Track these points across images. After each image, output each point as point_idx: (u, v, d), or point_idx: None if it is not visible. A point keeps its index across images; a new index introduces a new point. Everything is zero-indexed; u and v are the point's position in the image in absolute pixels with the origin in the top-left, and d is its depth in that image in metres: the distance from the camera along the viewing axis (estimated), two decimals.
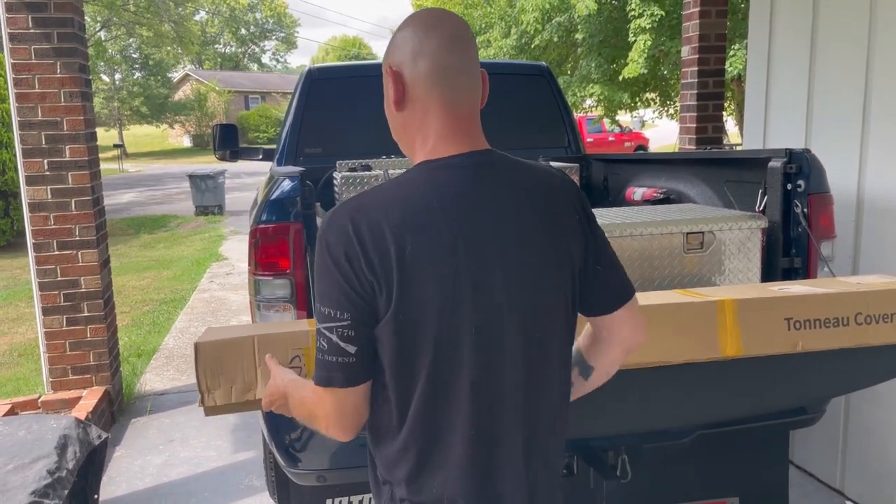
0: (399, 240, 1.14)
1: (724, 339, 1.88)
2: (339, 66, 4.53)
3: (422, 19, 1.26)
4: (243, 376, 1.66)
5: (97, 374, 4.27)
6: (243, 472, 3.71)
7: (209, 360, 1.64)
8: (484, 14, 16.69)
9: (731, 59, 10.65)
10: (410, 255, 1.14)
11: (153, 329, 6.53)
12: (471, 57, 1.25)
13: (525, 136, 4.37)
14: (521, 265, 1.21)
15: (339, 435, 1.24)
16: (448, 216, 1.17)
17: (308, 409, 1.28)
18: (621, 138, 24.28)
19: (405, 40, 1.24)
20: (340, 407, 1.21)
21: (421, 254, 1.14)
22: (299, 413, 1.33)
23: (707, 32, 4.97)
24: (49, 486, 2.31)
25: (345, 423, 1.22)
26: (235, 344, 1.67)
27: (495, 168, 1.24)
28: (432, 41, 1.22)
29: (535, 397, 1.25)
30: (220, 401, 1.64)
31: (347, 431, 1.23)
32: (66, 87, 4.00)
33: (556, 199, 1.28)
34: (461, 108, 1.24)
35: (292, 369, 1.66)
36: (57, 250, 4.10)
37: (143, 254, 10.75)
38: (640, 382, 1.97)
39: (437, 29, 1.23)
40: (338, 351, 1.17)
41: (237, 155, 4.59)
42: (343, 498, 2.47)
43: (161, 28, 34.39)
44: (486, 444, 1.22)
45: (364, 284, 1.15)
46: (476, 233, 1.18)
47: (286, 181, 2.30)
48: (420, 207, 1.17)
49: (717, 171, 3.08)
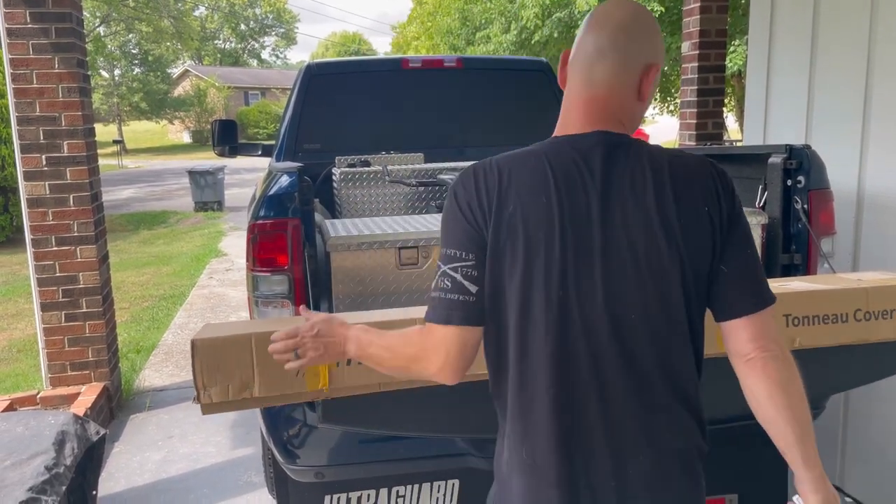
0: (509, 198, 1.25)
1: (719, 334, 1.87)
2: (339, 61, 4.52)
3: (594, 11, 1.36)
4: (240, 374, 1.65)
5: (96, 371, 4.26)
6: (242, 468, 3.70)
7: (206, 357, 1.63)
8: (484, 9, 16.67)
9: (732, 56, 10.63)
10: (513, 214, 1.25)
11: (152, 325, 6.52)
12: (617, 46, 1.30)
13: (525, 132, 4.36)
14: (619, 246, 1.25)
15: (448, 375, 1.29)
16: (557, 186, 1.25)
17: (410, 351, 1.33)
18: None
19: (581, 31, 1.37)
20: (456, 344, 1.27)
21: (527, 214, 1.25)
22: (391, 361, 1.37)
23: (707, 28, 4.95)
24: (47, 482, 2.30)
25: (456, 363, 1.28)
26: (232, 342, 1.67)
27: (620, 150, 1.29)
28: (586, 31, 1.34)
29: (616, 375, 1.27)
30: (216, 398, 1.63)
31: (457, 372, 1.30)
32: (65, 83, 3.98)
33: (685, 192, 1.27)
34: (595, 91, 1.31)
35: None
36: (55, 246, 4.09)
37: (143, 250, 10.74)
38: None
39: (594, 19, 1.34)
40: (460, 289, 1.26)
41: (236, 151, 4.58)
42: (341, 494, 2.47)
43: (160, 24, 34.34)
44: (563, 412, 1.27)
45: (481, 231, 1.26)
46: (579, 206, 1.25)
47: (284, 177, 2.29)
48: (535, 174, 1.27)
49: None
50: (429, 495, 2.52)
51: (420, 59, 4.36)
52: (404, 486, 2.50)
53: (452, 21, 17.48)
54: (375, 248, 2.34)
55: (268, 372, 1.67)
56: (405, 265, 2.36)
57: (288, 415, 2.29)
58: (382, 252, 2.35)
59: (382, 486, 2.48)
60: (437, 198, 3.63)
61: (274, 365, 1.67)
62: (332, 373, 1.70)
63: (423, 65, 4.30)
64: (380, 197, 3.63)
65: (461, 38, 17.31)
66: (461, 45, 17.23)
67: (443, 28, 17.79)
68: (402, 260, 2.36)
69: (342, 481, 2.42)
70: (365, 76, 4.30)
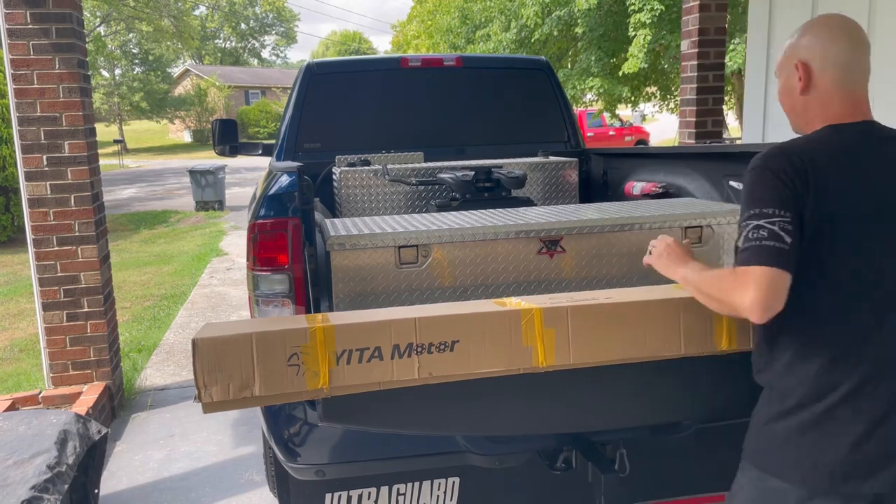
0: (814, 169, 1.53)
1: (719, 334, 1.89)
2: (339, 60, 4.52)
3: (826, 27, 1.67)
4: (241, 373, 1.66)
5: (97, 370, 4.27)
6: (243, 466, 3.71)
7: (207, 356, 1.65)
8: (484, 8, 16.66)
9: (731, 54, 10.63)
10: (820, 182, 1.52)
11: (154, 324, 6.54)
12: (862, 51, 1.66)
13: (525, 130, 4.37)
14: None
15: (757, 311, 1.48)
16: (844, 161, 1.56)
17: (725, 285, 1.54)
18: (622, 132, 24.24)
19: (813, 43, 1.66)
20: (768, 282, 1.46)
21: (827, 183, 1.53)
22: (710, 290, 1.61)
23: (707, 26, 4.96)
24: (49, 480, 2.31)
25: (767, 301, 1.47)
26: (233, 341, 1.68)
27: (883, 134, 1.63)
28: (836, 46, 1.64)
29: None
30: (217, 397, 1.65)
31: (766, 310, 1.48)
32: (65, 83, 3.99)
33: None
34: (855, 91, 1.65)
35: (290, 367, 1.67)
36: (57, 246, 4.11)
37: (144, 249, 10.76)
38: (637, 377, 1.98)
39: (838, 33, 1.65)
40: (776, 237, 1.48)
41: (237, 150, 4.59)
42: (342, 492, 2.47)
43: (160, 23, 34.33)
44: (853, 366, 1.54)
45: (798, 195, 1.51)
46: (862, 181, 1.55)
47: (284, 176, 2.30)
48: (826, 151, 1.57)
49: (716, 165, 3.08)
50: (429, 493, 2.53)
51: (420, 58, 4.37)
52: (405, 483, 2.51)
53: (452, 19, 17.48)
54: (375, 247, 2.35)
55: (268, 371, 1.68)
56: (405, 264, 2.37)
57: (289, 413, 2.30)
58: (382, 251, 2.36)
59: (383, 485, 2.49)
60: (436, 197, 3.65)
61: (274, 364, 1.69)
62: (332, 372, 1.71)
63: (422, 64, 4.31)
64: (380, 196, 3.65)
65: (461, 36, 17.32)
66: (461, 43, 17.23)
67: (442, 26, 17.80)
68: (401, 259, 2.37)
69: (343, 479, 2.43)
70: (365, 75, 4.31)
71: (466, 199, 3.43)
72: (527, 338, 1.80)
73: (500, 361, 1.79)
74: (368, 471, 2.40)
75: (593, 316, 1.85)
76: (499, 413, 1.98)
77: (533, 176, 3.76)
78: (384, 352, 1.75)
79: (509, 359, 1.80)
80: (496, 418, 2.00)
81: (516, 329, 1.80)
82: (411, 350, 1.75)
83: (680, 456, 2.60)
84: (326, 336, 1.73)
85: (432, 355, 1.76)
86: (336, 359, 1.72)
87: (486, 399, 1.93)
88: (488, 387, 1.87)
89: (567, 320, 1.82)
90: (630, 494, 2.40)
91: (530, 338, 1.80)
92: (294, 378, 1.69)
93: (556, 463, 2.40)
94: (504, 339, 1.80)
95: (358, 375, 1.74)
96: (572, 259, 2.50)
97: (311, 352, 1.71)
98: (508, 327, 1.80)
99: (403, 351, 1.75)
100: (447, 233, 2.38)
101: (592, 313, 1.85)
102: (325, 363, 1.71)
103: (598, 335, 1.83)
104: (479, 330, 1.79)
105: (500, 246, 2.42)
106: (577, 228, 2.48)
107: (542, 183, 3.83)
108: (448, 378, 1.79)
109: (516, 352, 1.80)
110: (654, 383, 2.03)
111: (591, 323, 1.83)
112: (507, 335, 1.80)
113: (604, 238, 2.51)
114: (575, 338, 1.82)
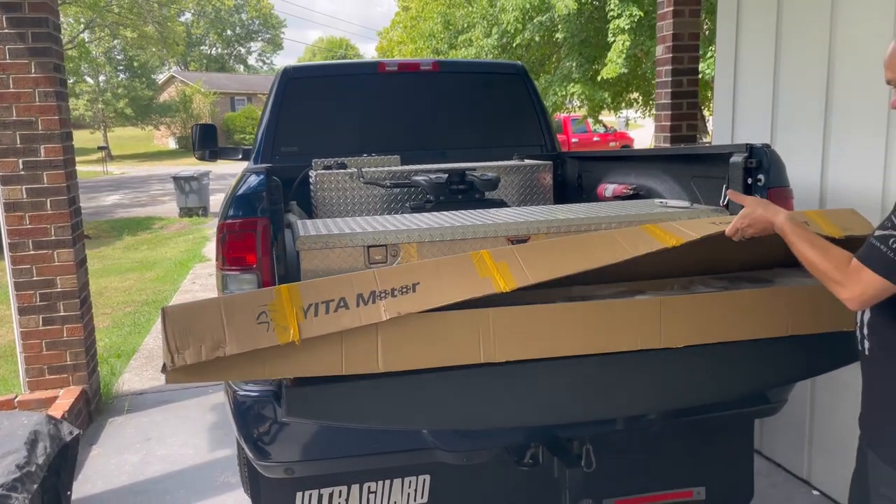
0: None
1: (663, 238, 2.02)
2: (315, 65, 4.55)
3: None
4: (212, 335, 1.68)
5: (74, 374, 4.26)
6: (219, 469, 3.72)
7: (177, 322, 1.67)
8: (466, 14, 16.74)
9: (710, 61, 10.73)
10: None
11: (133, 330, 6.52)
12: None
13: (501, 134, 4.42)
14: None
15: (855, 306, 1.59)
16: None
17: (832, 268, 1.61)
18: (606, 138, 24.38)
19: None
20: (876, 291, 1.54)
21: None
22: (813, 258, 1.65)
23: (680, 31, 5.02)
24: (18, 480, 2.32)
25: (867, 303, 1.58)
26: (202, 306, 1.73)
27: None
28: None
29: None
30: (190, 359, 1.65)
31: (860, 307, 1.60)
32: (41, 87, 4.00)
33: None
34: None
35: (260, 325, 1.70)
36: (33, 250, 4.10)
37: (126, 256, 10.71)
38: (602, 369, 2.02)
39: None
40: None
41: (216, 155, 4.60)
42: (313, 491, 2.50)
43: (145, 29, 34.19)
44: None
45: None
46: None
47: (252, 177, 2.33)
48: None
49: (685, 167, 3.13)
50: (400, 490, 2.56)
51: (396, 63, 4.41)
52: (375, 481, 2.54)
53: (435, 25, 17.54)
54: (344, 246, 2.37)
55: (239, 330, 1.70)
56: (374, 264, 2.40)
57: (258, 412, 2.32)
58: (351, 251, 2.38)
59: (354, 482, 2.52)
60: (411, 199, 3.68)
61: (244, 323, 1.72)
62: (301, 325, 1.74)
63: (399, 68, 4.35)
64: (355, 199, 3.67)
65: (444, 41, 17.39)
66: (444, 48, 17.30)
67: (426, 32, 17.86)
68: (370, 259, 2.40)
69: (313, 477, 2.45)
70: (341, 79, 4.34)
71: (440, 201, 3.46)
72: (482, 271, 1.90)
73: (462, 293, 1.85)
74: (338, 468, 2.42)
75: (538, 249, 2.02)
76: (464, 406, 2.01)
77: (508, 179, 3.80)
78: (349, 301, 1.80)
79: (471, 290, 1.86)
80: (462, 411, 2.02)
81: (471, 266, 1.91)
82: (375, 297, 1.81)
83: (647, 452, 2.64)
84: (291, 293, 1.78)
85: (396, 298, 1.82)
86: (303, 312, 1.75)
87: (453, 391, 1.96)
88: (456, 378, 1.91)
89: (515, 254, 1.95)
90: (595, 490, 2.43)
91: (485, 271, 1.90)
92: (265, 334, 1.72)
93: (524, 459, 2.43)
94: (461, 276, 1.89)
95: (327, 325, 1.76)
96: None
97: (278, 308, 1.75)
98: (463, 267, 1.92)
99: (367, 298, 1.80)
100: (416, 233, 2.41)
101: (537, 247, 2.04)
102: (293, 318, 1.74)
103: (548, 258, 1.95)
104: (436, 272, 1.89)
105: (468, 245, 2.45)
106: (545, 228, 2.51)
107: (518, 186, 3.87)
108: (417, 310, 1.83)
109: (476, 283, 1.88)
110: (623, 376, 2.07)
111: (537, 253, 1.97)
112: (463, 273, 1.90)
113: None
114: (527, 264, 1.92)
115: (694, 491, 2.78)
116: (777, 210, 1.82)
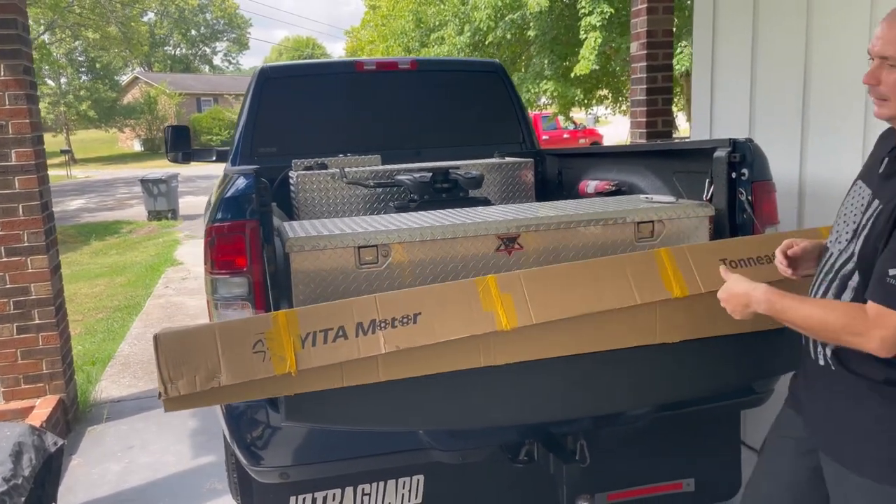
0: None
1: (667, 281, 1.97)
2: (293, 64, 4.51)
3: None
4: (206, 364, 1.65)
5: (50, 383, 4.17)
6: (204, 476, 3.67)
7: (170, 350, 1.63)
8: (438, 11, 16.73)
9: (679, 56, 10.88)
10: None
11: (107, 336, 6.40)
12: None
13: (481, 133, 4.42)
14: None
15: (885, 352, 1.48)
16: None
17: (845, 322, 1.51)
18: (576, 135, 24.56)
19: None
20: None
21: None
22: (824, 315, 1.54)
23: (655, 28, 5.08)
24: (5, 493, 2.26)
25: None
26: (197, 333, 1.68)
27: None
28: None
29: None
30: (184, 390, 1.63)
31: (891, 352, 1.48)
32: (11, 90, 3.90)
33: None
34: None
35: (255, 354, 1.66)
36: (5, 257, 4.00)
37: (95, 261, 10.51)
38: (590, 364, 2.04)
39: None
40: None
41: (190, 157, 4.53)
42: (307, 495, 2.47)
43: (107, 30, 33.56)
44: None
45: None
46: None
47: (241, 179, 2.29)
48: None
49: (666, 162, 3.16)
50: (394, 491, 2.55)
51: (374, 62, 4.38)
52: (370, 483, 2.52)
53: (406, 23, 17.50)
54: (334, 247, 2.35)
55: (234, 360, 1.67)
56: (364, 264, 2.38)
57: (251, 416, 2.29)
58: (342, 252, 2.36)
59: (348, 485, 2.50)
60: (394, 198, 3.66)
61: (239, 352, 1.68)
62: (298, 355, 1.71)
63: (377, 67, 4.33)
64: (338, 199, 3.65)
65: (415, 39, 17.35)
66: (415, 46, 17.27)
67: (397, 30, 17.81)
68: (361, 259, 2.38)
69: (307, 481, 2.43)
70: (319, 79, 4.30)
71: (425, 200, 3.45)
72: (486, 304, 1.86)
73: (464, 328, 1.82)
74: (332, 471, 2.41)
75: (546, 278, 1.94)
76: (461, 405, 2.01)
77: (490, 177, 3.81)
78: (348, 330, 1.76)
79: (473, 325, 1.83)
80: (457, 411, 2.02)
81: (475, 297, 1.86)
82: (375, 326, 1.78)
83: (638, 445, 2.67)
84: (289, 320, 1.74)
85: (396, 329, 1.79)
86: (301, 342, 1.72)
87: (450, 391, 1.96)
88: (448, 380, 1.90)
89: (521, 284, 1.90)
90: (591, 484, 2.45)
91: (489, 304, 1.86)
92: (261, 364, 1.69)
93: (519, 456, 2.44)
94: (464, 307, 1.85)
95: (325, 356, 1.74)
96: (530, 255, 2.54)
97: (275, 337, 1.71)
98: (467, 296, 1.86)
99: (367, 328, 1.77)
100: (406, 232, 2.40)
101: (545, 276, 1.95)
102: (290, 347, 1.71)
103: (554, 295, 1.90)
104: (438, 301, 1.85)
105: (459, 244, 2.45)
106: (534, 225, 2.52)
107: (499, 183, 3.88)
108: (416, 345, 1.80)
109: (479, 318, 1.84)
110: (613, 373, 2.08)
111: (544, 285, 1.91)
112: (467, 304, 1.85)
113: (560, 234, 2.56)
114: (532, 300, 1.88)
115: (683, 483, 2.81)
116: (755, 284, 1.69)
